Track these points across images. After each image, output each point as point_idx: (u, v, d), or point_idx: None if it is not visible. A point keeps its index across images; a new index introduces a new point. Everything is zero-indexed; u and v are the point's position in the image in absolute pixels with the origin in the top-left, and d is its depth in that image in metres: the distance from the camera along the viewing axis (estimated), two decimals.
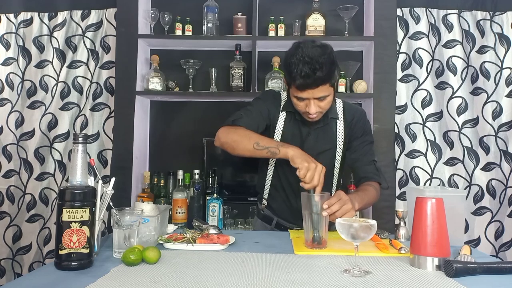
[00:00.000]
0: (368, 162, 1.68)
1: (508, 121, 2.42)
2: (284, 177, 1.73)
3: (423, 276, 1.06)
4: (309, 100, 1.50)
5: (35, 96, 2.59)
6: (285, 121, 1.69)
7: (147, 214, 1.34)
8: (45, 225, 2.55)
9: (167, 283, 0.98)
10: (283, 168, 1.73)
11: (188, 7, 2.55)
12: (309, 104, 1.51)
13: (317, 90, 1.47)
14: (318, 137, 1.68)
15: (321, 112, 1.56)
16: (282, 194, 1.75)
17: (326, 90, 1.49)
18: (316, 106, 1.52)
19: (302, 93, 1.49)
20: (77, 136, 1.11)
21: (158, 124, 2.62)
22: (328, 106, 1.56)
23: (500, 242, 2.42)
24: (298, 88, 1.48)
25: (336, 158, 1.70)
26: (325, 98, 1.51)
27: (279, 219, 1.76)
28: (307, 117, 1.57)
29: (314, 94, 1.48)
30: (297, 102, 1.55)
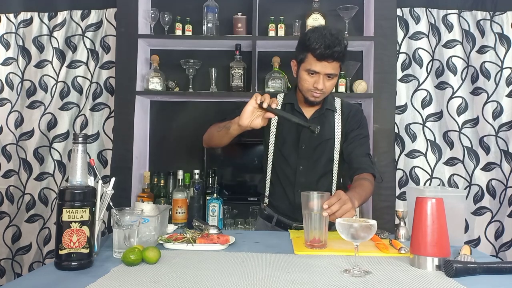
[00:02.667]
0: (364, 154, 1.71)
1: (508, 121, 2.42)
2: (281, 171, 1.77)
3: (423, 276, 1.06)
4: (319, 76, 1.59)
5: (35, 96, 2.59)
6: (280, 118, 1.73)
7: (147, 214, 1.34)
8: (45, 225, 2.55)
9: (167, 283, 0.98)
10: (279, 162, 1.77)
11: (188, 7, 2.55)
12: (319, 79, 1.60)
13: (331, 65, 1.58)
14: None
15: (324, 93, 1.65)
16: (280, 189, 1.78)
17: (336, 69, 1.61)
18: (325, 84, 1.61)
19: (317, 65, 1.57)
20: (77, 136, 1.11)
21: (158, 124, 2.62)
22: (331, 89, 1.67)
23: (500, 242, 2.42)
24: (317, 57, 1.56)
25: (335, 150, 1.74)
26: (332, 78, 1.62)
27: (279, 216, 1.77)
28: (311, 96, 1.65)
29: (327, 69, 1.58)
30: (307, 78, 1.62)
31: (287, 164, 1.75)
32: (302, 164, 1.74)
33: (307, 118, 1.74)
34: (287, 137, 1.75)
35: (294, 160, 1.74)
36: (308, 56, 1.59)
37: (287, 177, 1.76)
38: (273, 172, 1.78)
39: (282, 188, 1.77)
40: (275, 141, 1.76)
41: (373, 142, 2.30)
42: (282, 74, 2.39)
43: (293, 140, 1.74)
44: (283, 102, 1.78)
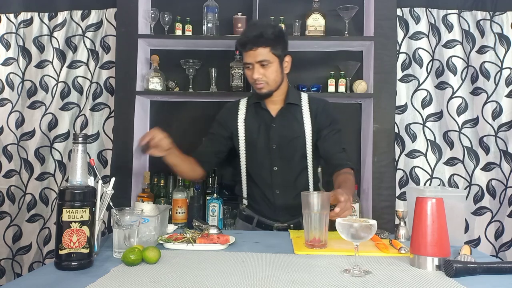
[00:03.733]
0: (340, 150, 1.75)
1: (508, 121, 2.42)
2: (256, 173, 1.79)
3: (423, 276, 1.06)
4: (253, 66, 1.65)
5: (35, 96, 2.59)
6: (246, 118, 1.78)
7: (147, 214, 1.34)
8: (45, 225, 2.55)
9: (167, 283, 0.98)
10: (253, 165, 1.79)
11: (188, 7, 2.55)
12: (253, 69, 1.65)
13: (257, 52, 1.62)
14: (283, 125, 1.75)
15: (266, 83, 1.67)
16: (258, 191, 1.79)
17: (266, 55, 1.63)
18: (259, 73, 1.65)
19: (246, 56, 1.65)
20: (77, 136, 1.11)
21: (158, 124, 2.60)
22: (273, 77, 1.67)
23: (500, 242, 2.42)
24: (241, 47, 1.65)
25: (307, 147, 1.76)
26: (267, 66, 1.64)
27: (260, 217, 1.79)
28: (256, 88, 1.71)
29: (256, 57, 1.63)
30: (247, 72, 1.70)
31: (262, 166, 1.77)
32: (277, 165, 1.75)
33: (273, 115, 1.76)
34: (257, 140, 1.76)
35: (268, 161, 1.76)
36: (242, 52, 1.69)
37: (263, 178, 1.77)
38: (248, 175, 1.80)
39: (260, 190, 1.79)
40: (246, 145, 1.78)
41: (373, 142, 2.30)
42: None
43: (264, 142, 1.76)
44: (248, 104, 1.81)
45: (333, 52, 2.54)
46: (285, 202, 1.75)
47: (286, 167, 1.76)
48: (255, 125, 1.77)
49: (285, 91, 1.78)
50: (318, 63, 2.55)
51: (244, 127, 1.78)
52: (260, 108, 1.78)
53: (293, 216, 1.76)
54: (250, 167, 1.79)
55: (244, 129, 1.78)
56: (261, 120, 1.78)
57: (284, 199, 1.75)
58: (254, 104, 1.79)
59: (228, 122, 1.81)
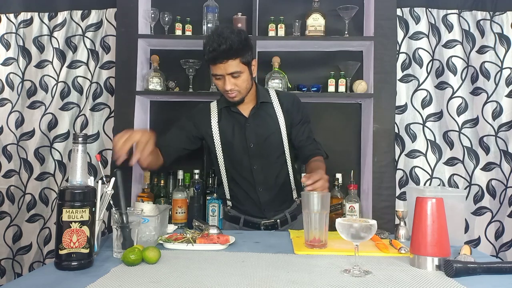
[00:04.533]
0: (311, 141, 1.83)
1: (508, 121, 2.42)
2: (236, 174, 1.80)
3: (423, 276, 1.06)
4: (224, 77, 1.61)
5: (35, 96, 2.59)
6: (219, 122, 1.78)
7: (147, 214, 1.34)
8: (45, 225, 2.55)
9: (167, 283, 0.98)
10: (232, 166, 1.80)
11: (188, 7, 2.55)
12: (224, 81, 1.61)
13: (228, 65, 1.57)
14: (258, 123, 1.77)
15: (239, 91, 1.65)
16: (241, 191, 1.81)
17: (237, 66, 1.59)
18: (231, 83, 1.61)
19: (215, 68, 1.60)
20: (77, 136, 1.11)
21: (158, 124, 2.62)
22: (245, 85, 1.65)
23: (500, 242, 2.42)
24: (209, 62, 1.60)
25: (284, 142, 1.78)
26: (239, 76, 1.61)
27: (245, 216, 1.80)
28: (228, 97, 1.67)
29: (226, 69, 1.58)
30: (217, 82, 1.66)
31: (241, 166, 1.78)
32: (256, 163, 1.76)
33: (246, 116, 1.77)
34: (233, 142, 1.77)
35: (247, 161, 1.77)
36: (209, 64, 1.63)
37: (244, 178, 1.78)
38: (229, 176, 1.81)
39: (242, 190, 1.80)
40: (222, 148, 1.78)
41: (373, 142, 2.30)
42: (282, 74, 2.39)
43: (240, 142, 1.76)
44: (218, 108, 1.81)
45: (333, 52, 2.54)
46: (269, 199, 1.79)
47: (265, 164, 1.78)
48: (229, 127, 1.78)
49: (254, 91, 1.78)
50: (318, 63, 2.55)
51: (218, 130, 1.78)
52: (230, 110, 1.78)
53: (279, 211, 1.80)
54: (229, 169, 1.80)
55: (219, 132, 1.78)
56: (234, 122, 1.78)
57: (268, 196, 1.78)
58: (225, 108, 1.79)
59: (201, 125, 1.81)
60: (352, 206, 2.29)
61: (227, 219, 1.89)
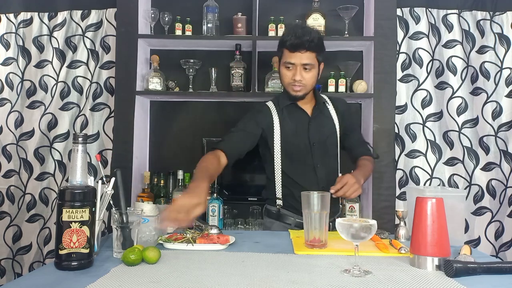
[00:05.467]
0: (362, 143, 1.92)
1: (508, 121, 2.42)
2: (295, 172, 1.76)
3: (423, 276, 1.06)
4: (295, 67, 1.66)
5: (35, 96, 2.59)
6: (281, 123, 1.77)
7: (147, 214, 1.34)
8: (45, 225, 2.55)
9: (167, 283, 0.98)
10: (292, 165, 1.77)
11: (188, 7, 2.55)
12: (296, 71, 1.66)
13: (305, 55, 1.64)
14: (320, 123, 1.79)
15: (304, 86, 1.69)
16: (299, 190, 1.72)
17: (312, 59, 1.66)
18: (302, 75, 1.67)
19: (291, 56, 1.65)
20: (77, 136, 1.11)
21: (158, 124, 2.62)
22: (312, 82, 1.71)
23: (500, 242, 2.42)
24: (290, 48, 1.64)
25: (338, 144, 1.84)
26: (310, 70, 1.67)
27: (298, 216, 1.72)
28: (292, 90, 1.71)
29: (302, 59, 1.64)
30: (286, 72, 1.69)
31: (304, 164, 1.76)
32: (319, 162, 1.77)
33: (310, 115, 1.79)
34: (296, 140, 1.76)
35: (310, 159, 1.76)
36: (284, 51, 1.69)
37: (305, 176, 1.76)
38: (285, 175, 1.77)
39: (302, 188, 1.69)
40: (282, 146, 1.76)
41: (373, 142, 2.30)
42: None
43: (303, 141, 1.76)
44: (281, 106, 1.78)
45: (333, 52, 2.54)
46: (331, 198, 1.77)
47: (327, 163, 1.79)
48: (292, 126, 1.77)
49: (312, 93, 1.82)
50: None
51: (280, 129, 1.76)
52: (295, 108, 1.78)
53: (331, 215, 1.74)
54: (288, 168, 1.77)
55: (280, 131, 1.76)
56: (297, 121, 1.78)
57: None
58: (287, 106, 1.78)
59: (263, 124, 1.77)
60: (352, 206, 2.29)
61: (275, 218, 1.80)
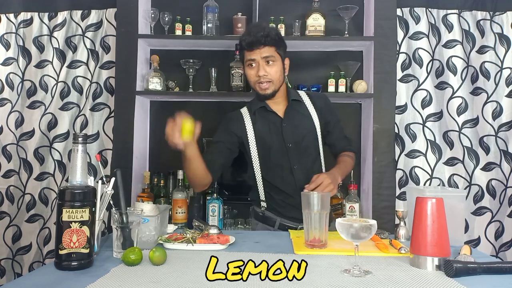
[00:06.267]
0: (342, 137, 1.91)
1: (508, 121, 2.42)
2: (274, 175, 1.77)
3: (423, 276, 1.06)
4: (257, 63, 1.67)
5: (35, 96, 2.59)
6: (254, 125, 1.78)
7: (147, 214, 1.34)
8: (45, 225, 2.55)
9: (167, 283, 0.98)
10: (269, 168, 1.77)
11: (188, 7, 2.55)
12: (257, 65, 1.67)
13: (263, 50, 1.65)
14: (294, 123, 1.78)
15: (271, 82, 1.69)
16: (279, 193, 1.76)
17: (272, 52, 1.67)
18: (264, 70, 1.67)
19: (251, 54, 1.67)
20: (77, 136, 1.11)
21: (158, 124, 2.62)
22: (278, 76, 1.71)
23: (500, 242, 2.42)
24: (248, 47, 1.66)
25: (319, 141, 1.81)
26: (273, 63, 1.68)
27: (282, 219, 1.77)
28: (259, 88, 1.71)
29: (261, 53, 1.66)
30: (249, 72, 1.71)
31: (281, 168, 1.76)
32: (296, 163, 1.76)
33: (281, 116, 1.78)
34: (271, 143, 1.76)
35: (286, 161, 1.76)
36: (244, 53, 1.71)
37: (283, 179, 1.76)
38: (264, 179, 1.78)
39: (281, 191, 1.76)
40: (258, 151, 1.77)
41: (373, 142, 2.30)
42: None
43: (278, 143, 1.76)
44: (253, 110, 1.80)
45: (333, 52, 2.54)
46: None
47: (304, 163, 1.77)
48: (265, 129, 1.77)
49: (285, 90, 1.81)
50: (318, 63, 2.55)
51: (254, 134, 1.77)
52: (266, 111, 1.78)
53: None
54: (266, 172, 1.77)
55: (255, 136, 1.77)
56: (270, 123, 1.78)
57: None
58: (258, 110, 1.79)
59: (237, 131, 1.79)
60: (352, 206, 2.29)
61: (260, 220, 1.83)
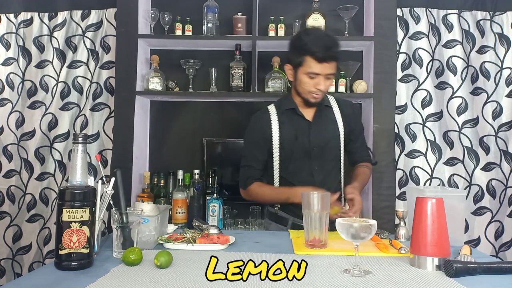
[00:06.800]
0: (364, 148, 1.94)
1: (508, 121, 2.41)
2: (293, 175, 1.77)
3: (423, 276, 1.06)
4: (320, 77, 1.65)
5: (36, 96, 2.59)
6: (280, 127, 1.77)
7: (147, 214, 1.34)
8: (45, 225, 2.55)
9: (167, 283, 0.98)
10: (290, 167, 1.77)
11: (188, 7, 2.55)
12: (320, 80, 1.66)
13: (330, 65, 1.65)
14: (320, 127, 1.79)
15: (323, 93, 1.71)
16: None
17: (335, 68, 1.68)
18: (326, 85, 1.68)
19: (318, 67, 1.63)
20: (77, 136, 1.11)
21: (158, 124, 2.62)
22: (328, 89, 1.74)
23: (500, 242, 2.42)
24: (318, 59, 1.62)
25: (341, 147, 1.83)
26: (331, 78, 1.70)
27: (295, 218, 1.77)
28: (312, 97, 1.70)
29: (327, 70, 1.64)
30: (308, 81, 1.67)
31: (301, 168, 1.78)
32: (317, 165, 1.78)
33: (310, 120, 1.78)
34: (295, 145, 1.76)
35: (307, 162, 1.78)
36: (306, 59, 1.64)
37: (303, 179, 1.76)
38: (282, 178, 1.79)
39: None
40: (280, 151, 1.77)
41: (373, 142, 2.30)
42: (282, 74, 2.39)
43: (303, 145, 1.77)
44: (282, 109, 1.80)
45: None
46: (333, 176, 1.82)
47: (325, 166, 1.80)
48: (292, 130, 1.77)
49: None
50: None
51: (279, 134, 1.77)
52: (295, 114, 1.78)
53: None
54: (285, 171, 1.78)
55: (279, 136, 1.77)
56: (297, 125, 1.78)
57: None
58: (286, 111, 1.79)
59: (266, 131, 1.78)
60: None
61: (273, 220, 1.84)
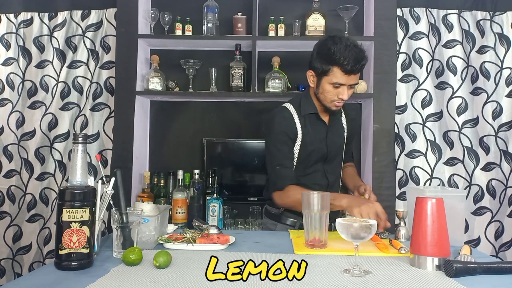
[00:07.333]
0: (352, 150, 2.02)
1: (508, 121, 2.42)
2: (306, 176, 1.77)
3: (423, 276, 1.06)
4: (344, 87, 1.64)
5: (36, 96, 2.59)
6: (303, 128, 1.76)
7: (147, 214, 1.34)
8: (45, 225, 2.55)
9: (167, 283, 0.98)
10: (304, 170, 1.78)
11: (188, 7, 2.55)
12: (344, 90, 1.65)
13: (356, 76, 1.64)
14: (335, 132, 1.84)
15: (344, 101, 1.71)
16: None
17: (358, 78, 1.68)
18: (349, 94, 1.67)
19: (344, 78, 1.61)
20: (77, 136, 1.11)
21: (158, 124, 2.62)
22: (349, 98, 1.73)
23: (500, 242, 2.42)
24: (347, 71, 1.59)
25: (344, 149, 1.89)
26: (354, 87, 1.70)
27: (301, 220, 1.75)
28: (334, 106, 1.71)
29: (352, 80, 1.63)
30: (332, 90, 1.66)
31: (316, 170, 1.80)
32: (329, 167, 1.83)
33: (327, 125, 1.81)
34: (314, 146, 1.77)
35: (321, 165, 1.81)
36: (333, 69, 1.61)
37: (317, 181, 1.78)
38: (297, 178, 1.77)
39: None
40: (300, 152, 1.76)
41: (373, 142, 2.31)
42: (282, 74, 2.39)
43: (321, 148, 1.78)
44: (302, 114, 1.77)
45: None
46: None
47: (336, 168, 1.86)
48: (312, 133, 1.77)
49: None
50: None
51: (301, 138, 1.76)
52: (316, 118, 1.79)
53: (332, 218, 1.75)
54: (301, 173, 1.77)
55: (301, 139, 1.76)
56: (317, 129, 1.78)
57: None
58: (309, 115, 1.78)
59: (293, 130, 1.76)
60: None
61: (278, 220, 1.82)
